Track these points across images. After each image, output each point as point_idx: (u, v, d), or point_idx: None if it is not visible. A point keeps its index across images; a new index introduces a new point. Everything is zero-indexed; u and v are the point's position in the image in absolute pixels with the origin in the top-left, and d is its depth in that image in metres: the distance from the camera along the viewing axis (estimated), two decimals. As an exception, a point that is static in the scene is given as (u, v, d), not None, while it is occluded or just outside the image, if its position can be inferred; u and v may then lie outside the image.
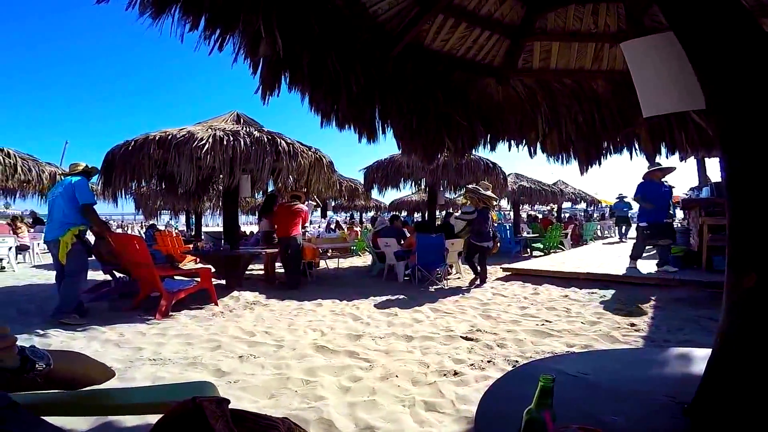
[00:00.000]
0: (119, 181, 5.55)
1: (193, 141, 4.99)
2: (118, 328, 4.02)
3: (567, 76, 2.83)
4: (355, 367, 2.98)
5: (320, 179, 6.53)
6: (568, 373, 1.22)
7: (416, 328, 4.06)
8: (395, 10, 2.35)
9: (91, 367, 1.03)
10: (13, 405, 0.81)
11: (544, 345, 3.50)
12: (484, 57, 2.74)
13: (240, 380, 2.75)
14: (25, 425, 0.78)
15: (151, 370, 2.95)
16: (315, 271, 7.94)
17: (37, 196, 10.98)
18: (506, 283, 6.74)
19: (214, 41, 1.88)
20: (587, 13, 2.46)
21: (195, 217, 13.82)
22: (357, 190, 13.27)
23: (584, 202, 19.91)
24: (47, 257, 11.70)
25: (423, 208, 16.57)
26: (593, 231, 16.23)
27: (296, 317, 4.57)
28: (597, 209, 22.80)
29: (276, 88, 2.09)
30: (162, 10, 1.73)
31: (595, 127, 2.95)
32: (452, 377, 2.81)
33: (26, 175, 8.51)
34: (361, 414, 2.28)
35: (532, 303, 5.18)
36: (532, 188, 13.83)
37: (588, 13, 2.45)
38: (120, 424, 2.11)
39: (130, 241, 4.94)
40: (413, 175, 9.16)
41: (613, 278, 6.40)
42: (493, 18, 2.52)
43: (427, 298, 5.58)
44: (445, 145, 2.95)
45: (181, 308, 4.75)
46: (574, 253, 10.70)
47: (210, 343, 3.58)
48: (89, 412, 1.34)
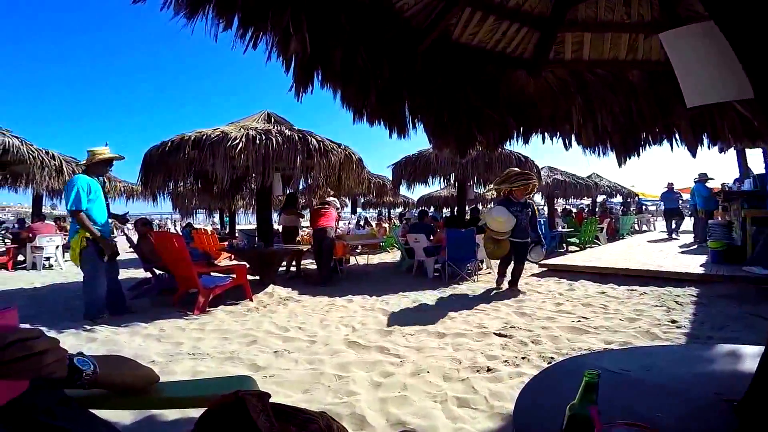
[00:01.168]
0: (157, 181, 5.79)
1: (227, 141, 5.14)
2: (159, 323, 4.21)
3: (601, 67, 2.73)
4: (386, 363, 3.01)
5: (350, 176, 6.60)
6: (609, 370, 1.19)
7: (447, 324, 4.05)
8: (421, 5, 2.33)
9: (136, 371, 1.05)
10: (66, 400, 0.84)
11: (581, 342, 3.42)
12: (514, 49, 2.69)
13: (275, 375, 2.82)
14: (76, 421, 0.81)
15: (191, 364, 3.07)
16: (345, 267, 8.05)
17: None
18: (541, 279, 6.62)
19: (248, 40, 1.91)
20: (619, 3, 2.37)
21: (229, 215, 14.26)
22: (385, 187, 13.31)
23: (620, 195, 19.19)
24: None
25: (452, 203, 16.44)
26: (630, 225, 15.60)
27: (328, 313, 4.65)
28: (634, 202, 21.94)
29: (309, 85, 2.11)
30: (196, 10, 1.76)
31: (632, 117, 2.85)
32: (485, 373, 2.79)
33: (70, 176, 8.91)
34: (392, 409, 2.30)
35: (568, 299, 5.07)
36: (566, 182, 13.46)
37: (620, 3, 2.37)
38: (162, 418, 2.19)
39: (169, 239, 5.15)
40: (442, 170, 9.09)
41: (653, 274, 6.16)
42: (522, 10, 2.46)
43: (457, 294, 5.57)
44: (476, 138, 2.91)
45: (218, 304, 4.93)
46: (612, 248, 10.37)
47: (246, 338, 3.69)
48: (134, 406, 1.40)
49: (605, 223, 12.70)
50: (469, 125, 2.80)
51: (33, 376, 0.69)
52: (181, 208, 12.75)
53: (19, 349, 0.65)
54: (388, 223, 17.37)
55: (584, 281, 6.15)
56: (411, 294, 5.55)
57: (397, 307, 4.82)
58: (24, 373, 0.67)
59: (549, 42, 2.58)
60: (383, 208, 24.24)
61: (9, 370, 0.64)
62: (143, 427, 2.11)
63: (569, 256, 9.16)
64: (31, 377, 0.69)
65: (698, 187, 10.32)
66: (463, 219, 9.14)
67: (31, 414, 0.74)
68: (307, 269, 8.03)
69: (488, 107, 2.74)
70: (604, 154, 3.11)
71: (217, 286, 4.92)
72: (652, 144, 3.07)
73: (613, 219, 13.99)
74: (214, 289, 4.85)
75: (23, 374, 0.67)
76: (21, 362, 0.65)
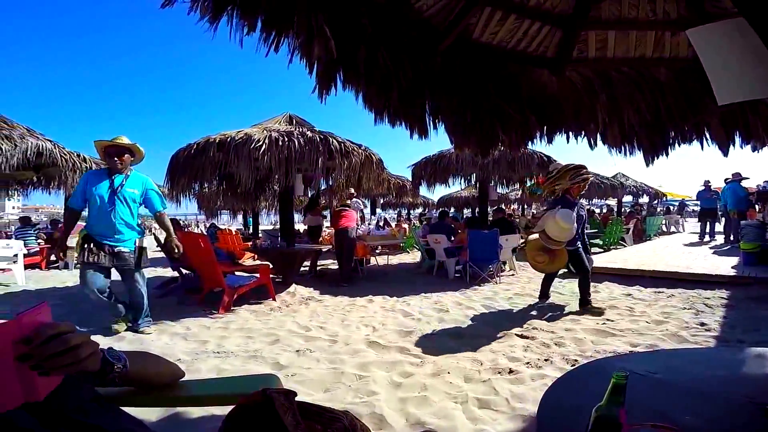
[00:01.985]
0: (183, 183, 5.95)
1: (250, 143, 5.25)
2: (185, 322, 4.30)
3: (626, 65, 2.68)
4: (406, 363, 3.01)
5: (370, 177, 6.64)
6: (635, 372, 1.18)
7: (468, 325, 4.03)
8: (440, 5, 2.34)
9: (163, 367, 1.09)
10: (98, 398, 0.87)
11: (605, 344, 3.36)
12: (536, 48, 2.66)
13: (297, 374, 2.85)
14: (107, 417, 0.84)
15: (216, 362, 3.13)
16: (365, 268, 8.10)
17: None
18: (564, 280, 6.50)
19: (270, 43, 1.94)
20: (643, 1, 2.33)
21: (252, 216, 14.53)
22: (405, 187, 13.31)
23: (647, 196, 18.66)
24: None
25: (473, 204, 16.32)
26: (658, 226, 15.12)
27: (349, 313, 4.68)
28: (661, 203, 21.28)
29: (331, 87, 2.14)
30: (220, 13, 1.80)
31: (660, 116, 2.78)
32: (507, 375, 2.77)
33: None
34: (411, 409, 2.30)
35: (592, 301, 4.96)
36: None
37: (644, 0, 2.32)
38: (187, 415, 2.23)
39: (195, 239, 5.28)
40: (463, 170, 9.03)
41: (681, 276, 5.98)
42: (543, 9, 2.44)
43: (479, 295, 5.52)
44: (499, 138, 2.90)
45: (241, 303, 5.01)
46: (638, 249, 10.09)
47: (269, 337, 3.75)
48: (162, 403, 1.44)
49: (631, 224, 12.35)
50: (491, 125, 2.79)
51: (70, 371, 0.70)
52: (206, 209, 13.05)
53: (57, 344, 0.67)
54: (408, 223, 17.36)
55: (609, 283, 6.02)
56: (432, 295, 5.54)
57: (418, 308, 4.82)
58: (62, 367, 0.68)
59: (572, 40, 2.55)
60: (402, 209, 24.25)
61: (49, 365, 0.66)
62: (168, 425, 2.15)
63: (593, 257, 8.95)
64: (68, 372, 0.71)
65: (734, 187, 9.85)
66: (485, 220, 9.05)
67: (64, 411, 0.77)
68: (328, 269, 8.11)
69: (510, 106, 2.73)
70: (630, 153, 3.05)
71: (242, 286, 5.01)
72: (682, 143, 2.99)
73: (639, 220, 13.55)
74: (239, 289, 4.95)
75: (62, 369, 0.68)
76: (60, 357, 0.67)
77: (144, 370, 0.98)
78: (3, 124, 6.75)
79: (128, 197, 3.84)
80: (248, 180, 5.34)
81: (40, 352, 0.66)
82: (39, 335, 0.66)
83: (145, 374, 0.99)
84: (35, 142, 6.83)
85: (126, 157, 3.86)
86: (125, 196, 3.83)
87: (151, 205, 4.03)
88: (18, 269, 7.00)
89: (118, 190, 3.80)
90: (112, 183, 3.82)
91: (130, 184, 3.89)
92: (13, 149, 6.21)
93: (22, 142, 6.55)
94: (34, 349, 0.65)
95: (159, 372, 1.07)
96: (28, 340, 0.66)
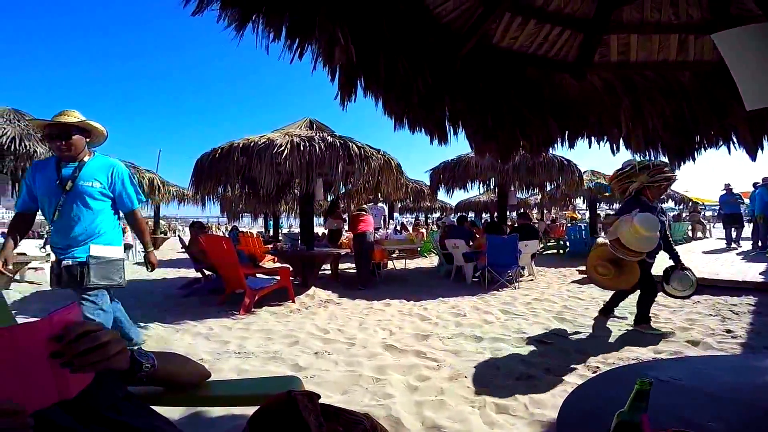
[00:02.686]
0: (208, 186, 6.10)
1: (273, 147, 5.35)
2: (207, 322, 4.39)
3: (650, 69, 2.65)
4: (423, 367, 3.01)
5: (389, 181, 6.68)
6: (659, 379, 1.17)
7: (486, 330, 4.00)
8: (459, 11, 2.35)
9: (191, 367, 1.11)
10: (129, 396, 0.89)
11: (628, 351, 3.30)
12: (557, 53, 2.65)
13: (316, 375, 2.88)
14: (138, 416, 0.86)
15: (236, 362, 3.19)
16: (383, 272, 8.13)
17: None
18: (583, 286, 6.39)
19: (295, 50, 1.98)
20: (666, 4, 2.29)
21: (273, 219, 14.76)
22: (423, 192, 13.30)
23: (672, 201, 18.16)
24: (147, 255, 13.16)
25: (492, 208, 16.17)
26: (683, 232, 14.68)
27: (366, 316, 4.71)
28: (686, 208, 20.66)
29: (353, 93, 2.18)
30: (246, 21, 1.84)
31: (685, 120, 2.73)
32: (526, 380, 2.74)
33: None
34: (427, 413, 2.30)
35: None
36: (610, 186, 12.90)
37: (667, 3, 2.29)
38: (208, 415, 2.26)
39: (218, 241, 5.40)
40: (482, 175, 8.99)
41: (708, 282, 5.79)
42: (564, 14, 2.43)
43: (497, 300, 5.48)
44: (520, 143, 2.89)
45: (262, 305, 5.09)
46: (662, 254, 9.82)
47: (288, 339, 3.79)
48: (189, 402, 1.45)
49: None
50: (512, 130, 2.78)
51: (100, 368, 0.72)
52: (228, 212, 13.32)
53: (87, 341, 0.69)
54: (426, 228, 17.31)
55: (631, 289, 5.89)
56: (449, 299, 5.53)
57: (435, 312, 4.81)
58: (93, 364, 0.70)
59: (593, 44, 2.54)
60: (420, 213, 24.19)
61: (80, 362, 0.68)
62: (189, 424, 2.19)
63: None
64: (98, 369, 0.72)
65: (762, 192, 9.51)
66: (504, 224, 8.98)
67: (98, 408, 0.79)
68: (345, 273, 8.17)
69: (531, 111, 2.72)
70: (655, 158, 3.00)
71: (263, 288, 5.10)
72: (708, 147, 2.92)
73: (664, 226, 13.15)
74: (260, 291, 5.04)
75: (91, 366, 0.70)
76: (90, 354, 0.69)
77: (172, 370, 1.00)
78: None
79: (84, 191, 2.76)
80: (270, 184, 5.44)
81: (70, 349, 0.67)
82: (69, 333, 0.68)
83: (173, 374, 1.01)
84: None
85: (76, 139, 2.75)
86: (79, 190, 2.75)
87: (122, 202, 2.97)
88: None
89: (69, 183, 2.74)
90: (59, 174, 2.76)
91: (88, 172, 2.79)
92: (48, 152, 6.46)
93: (55, 145, 6.81)
94: (64, 346, 0.67)
95: (186, 372, 1.09)
96: (59, 338, 0.67)
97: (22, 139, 6.28)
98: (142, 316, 4.65)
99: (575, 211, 21.66)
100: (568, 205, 19.32)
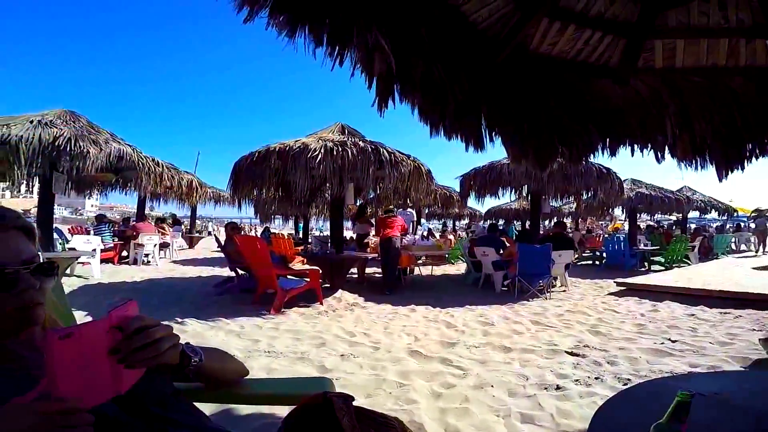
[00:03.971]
0: (245, 189, 6.29)
1: (307, 152, 5.47)
2: (240, 320, 4.50)
3: (698, 75, 2.54)
4: (448, 374, 2.99)
5: (419, 187, 6.68)
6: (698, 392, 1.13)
7: (515, 340, 3.92)
8: (496, 17, 2.33)
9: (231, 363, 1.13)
10: (176, 392, 0.91)
11: (662, 364, 3.18)
12: (598, 58, 2.59)
13: (341, 378, 2.90)
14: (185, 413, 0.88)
15: (266, 361, 3.25)
16: (409, 277, 8.11)
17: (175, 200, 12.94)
18: (620, 298, 6.17)
19: (335, 57, 2.01)
20: (714, 8, 2.20)
21: (303, 222, 15.03)
22: (451, 198, 13.19)
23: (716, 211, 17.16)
24: (183, 253, 13.67)
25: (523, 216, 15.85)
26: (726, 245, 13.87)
27: (391, 321, 4.71)
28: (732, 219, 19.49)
29: (390, 100, 2.20)
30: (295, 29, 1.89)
31: (736, 127, 2.60)
32: (554, 391, 2.68)
33: (170, 182, 9.70)
34: (451, 420, 2.28)
35: (651, 320, 4.69)
36: (651, 195, 12.36)
37: (714, 7, 2.19)
38: (237, 412, 2.30)
39: (253, 242, 5.55)
40: (515, 181, 8.81)
41: (753, 297, 5.50)
42: (605, 18, 2.38)
43: (527, 310, 5.36)
44: (558, 151, 2.83)
45: (291, 305, 5.18)
46: (704, 268, 9.36)
47: (315, 340, 3.85)
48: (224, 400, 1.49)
49: (697, 242, 11.47)
50: (550, 137, 2.73)
51: (153, 364, 0.73)
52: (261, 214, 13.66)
53: (143, 337, 0.71)
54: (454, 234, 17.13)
55: (670, 302, 5.63)
56: (477, 308, 5.44)
57: (462, 320, 4.75)
58: (146, 360, 0.72)
59: (637, 49, 2.46)
60: (447, 220, 23.91)
61: (135, 358, 0.70)
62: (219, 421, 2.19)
63: (653, 275, 8.44)
64: (151, 365, 0.73)
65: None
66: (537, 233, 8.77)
67: (145, 404, 0.81)
68: (371, 277, 8.21)
69: (571, 118, 2.66)
70: (702, 167, 2.87)
71: (293, 289, 5.20)
72: (759, 156, 2.77)
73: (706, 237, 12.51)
74: (290, 291, 5.13)
75: (146, 361, 0.72)
76: (145, 350, 0.71)
77: (215, 366, 1.02)
78: (92, 129, 7.45)
79: None
80: (304, 188, 5.55)
81: (127, 345, 0.69)
82: (127, 329, 0.70)
83: (216, 370, 1.03)
84: (117, 146, 7.47)
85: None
86: None
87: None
88: (95, 263, 7.68)
89: None
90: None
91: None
92: (99, 153, 6.84)
93: (106, 146, 7.20)
94: (121, 342, 0.69)
95: (229, 369, 1.11)
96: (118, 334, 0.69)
97: (77, 140, 6.65)
98: (180, 311, 4.83)
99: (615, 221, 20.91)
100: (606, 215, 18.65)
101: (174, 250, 12.57)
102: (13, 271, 0.72)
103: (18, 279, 0.72)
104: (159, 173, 8.73)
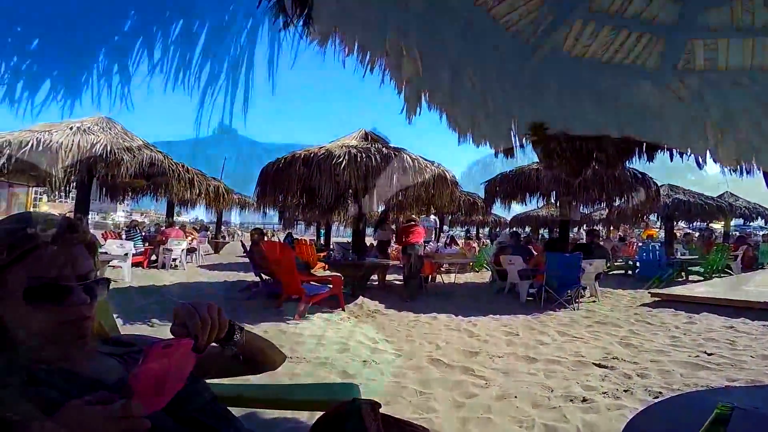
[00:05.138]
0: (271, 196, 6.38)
1: (332, 158, 5.51)
2: (263, 325, 4.55)
3: (743, 76, 2.41)
4: (470, 384, 2.94)
5: (443, 194, 6.61)
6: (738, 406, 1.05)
7: (540, 350, 3.82)
8: (527, 21, 2.28)
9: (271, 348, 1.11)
10: (215, 399, 0.91)
11: (697, 378, 3.05)
12: (635, 60, 2.49)
13: (362, 384, 2.88)
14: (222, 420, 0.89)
15: (289, 365, 3.25)
16: (431, 285, 8.03)
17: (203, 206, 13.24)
18: (653, 309, 5.92)
19: (366, 64, 2.00)
20: (759, 6, 2.08)
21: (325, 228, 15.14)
22: (476, 204, 13.01)
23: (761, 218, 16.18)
24: (210, 258, 13.98)
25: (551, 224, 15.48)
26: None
27: (413, 328, 4.68)
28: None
29: (418, 107, 2.17)
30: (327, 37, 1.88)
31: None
32: (580, 403, 2.59)
33: (199, 188, 9.96)
34: (473, 430, 2.24)
35: (685, 333, 4.50)
36: (690, 202, 11.82)
37: (760, 5, 2.07)
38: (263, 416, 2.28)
39: (279, 248, 5.62)
40: (543, 188, 8.52)
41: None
42: (642, 18, 2.28)
43: (554, 321, 5.22)
44: (593, 157, 2.74)
45: (314, 311, 5.19)
46: (746, 278, 8.89)
47: (338, 346, 3.85)
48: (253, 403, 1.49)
49: (740, 251, 10.89)
50: (584, 143, 2.64)
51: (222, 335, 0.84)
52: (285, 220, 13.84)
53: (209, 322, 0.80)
54: (477, 242, 16.88)
55: (708, 314, 5.36)
56: (501, 317, 5.33)
57: (485, 329, 4.66)
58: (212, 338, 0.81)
59: (676, 50, 2.35)
60: (471, 227, 23.54)
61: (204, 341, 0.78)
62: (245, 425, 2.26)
63: (690, 285, 8.09)
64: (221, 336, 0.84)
65: None
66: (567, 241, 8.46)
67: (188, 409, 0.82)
68: (392, 283, 8.17)
69: (607, 122, 2.56)
70: (748, 173, 2.72)
71: (317, 294, 5.23)
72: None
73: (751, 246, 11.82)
74: (314, 297, 5.16)
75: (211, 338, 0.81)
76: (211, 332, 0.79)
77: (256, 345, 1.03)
78: (125, 136, 7.73)
79: None
80: (329, 194, 5.60)
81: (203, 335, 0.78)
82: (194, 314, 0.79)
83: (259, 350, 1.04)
84: (149, 154, 7.72)
85: None
86: None
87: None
88: (126, 267, 7.92)
89: None
90: None
91: None
92: (132, 160, 7.07)
93: (139, 153, 7.44)
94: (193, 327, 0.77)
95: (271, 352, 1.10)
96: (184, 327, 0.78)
97: (112, 147, 6.91)
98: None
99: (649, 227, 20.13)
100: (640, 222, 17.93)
101: (200, 255, 12.85)
102: (67, 285, 0.74)
103: (71, 293, 0.74)
104: (188, 179, 8.94)
